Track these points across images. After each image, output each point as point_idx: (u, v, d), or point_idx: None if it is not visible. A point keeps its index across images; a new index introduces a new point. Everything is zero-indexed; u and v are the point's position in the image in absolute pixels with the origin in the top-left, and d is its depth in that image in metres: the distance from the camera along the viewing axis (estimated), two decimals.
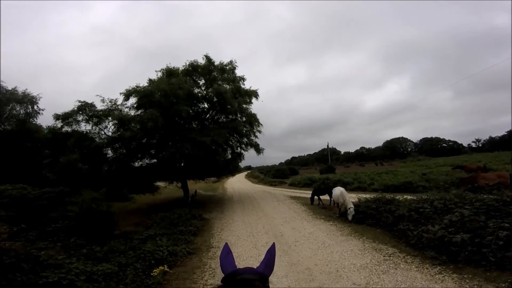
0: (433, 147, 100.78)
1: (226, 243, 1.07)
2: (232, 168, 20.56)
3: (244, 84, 18.86)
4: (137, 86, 15.06)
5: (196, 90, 17.22)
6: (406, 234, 7.32)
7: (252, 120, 17.66)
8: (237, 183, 37.58)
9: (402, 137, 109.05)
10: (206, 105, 18.06)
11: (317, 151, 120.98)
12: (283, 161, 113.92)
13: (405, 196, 10.22)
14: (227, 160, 18.43)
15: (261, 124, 18.35)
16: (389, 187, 18.65)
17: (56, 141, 17.13)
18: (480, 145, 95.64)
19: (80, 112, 15.81)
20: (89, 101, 15.84)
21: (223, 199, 20.72)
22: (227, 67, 18.46)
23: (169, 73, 16.76)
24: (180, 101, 13.72)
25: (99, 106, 15.84)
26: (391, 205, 9.40)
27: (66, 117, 15.59)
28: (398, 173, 27.01)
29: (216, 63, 18.14)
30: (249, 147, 19.16)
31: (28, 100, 17.61)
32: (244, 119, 17.81)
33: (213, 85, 16.15)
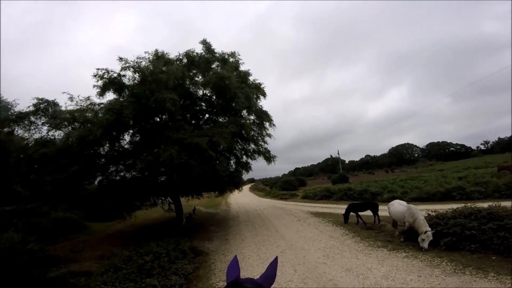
0: (441, 152, 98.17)
1: (236, 256, 1.07)
2: (237, 181, 16.43)
3: (249, 80, 15.30)
4: (107, 71, 11.03)
5: (192, 89, 13.62)
6: None
7: (264, 118, 13.89)
8: (241, 197, 33.32)
9: (407, 143, 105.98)
10: (204, 105, 14.39)
11: (321, 161, 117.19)
12: (286, 173, 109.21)
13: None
14: (231, 172, 14.58)
15: (274, 125, 14.59)
16: (435, 195, 14.95)
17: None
18: (489, 147, 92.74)
19: (41, 113, 12.22)
20: (51, 99, 12.25)
21: (227, 218, 16.71)
22: (231, 59, 14.68)
23: (157, 58, 13.00)
24: (163, 89, 9.96)
25: (66, 105, 12.20)
26: (505, 219, 5.87)
27: (20, 118, 11.99)
28: (427, 179, 23.00)
29: (216, 51, 14.44)
30: (256, 155, 15.27)
31: (2, 107, 14.54)
32: (252, 117, 14.03)
33: (213, 71, 12.40)
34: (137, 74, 10.38)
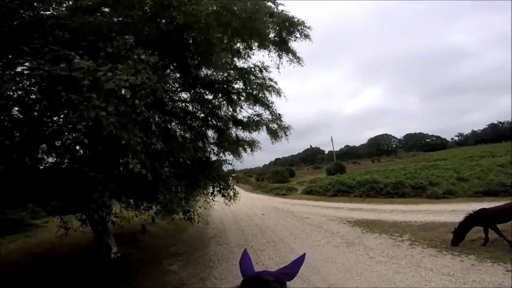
0: (417, 143, 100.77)
1: (245, 250, 1.01)
2: (218, 174, 8.70)
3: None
4: None
5: None
6: None
7: (290, 31, 7.12)
8: None
9: (385, 134, 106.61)
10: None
11: (300, 152, 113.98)
12: (266, 163, 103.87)
13: None
14: (206, 158, 7.68)
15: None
16: None
17: None
18: (462, 139, 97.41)
19: None
20: None
21: (204, 238, 9.96)
22: None
23: None
24: None
25: None
26: None
27: None
28: (456, 168, 18.18)
29: None
30: (256, 125, 8.43)
31: None
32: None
33: None
34: None
